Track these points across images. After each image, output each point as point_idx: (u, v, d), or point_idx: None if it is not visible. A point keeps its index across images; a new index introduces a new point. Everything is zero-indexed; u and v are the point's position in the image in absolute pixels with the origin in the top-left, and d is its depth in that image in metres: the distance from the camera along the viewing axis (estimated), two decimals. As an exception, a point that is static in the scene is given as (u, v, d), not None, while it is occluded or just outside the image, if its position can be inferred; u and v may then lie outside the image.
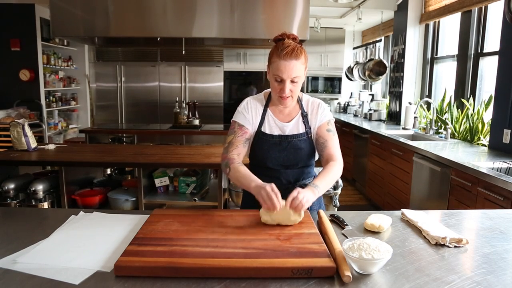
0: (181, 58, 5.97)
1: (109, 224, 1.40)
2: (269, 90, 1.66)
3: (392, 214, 1.54)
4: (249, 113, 1.62)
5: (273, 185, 1.35)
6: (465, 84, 3.92)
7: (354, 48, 7.25)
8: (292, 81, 1.49)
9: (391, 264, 1.11)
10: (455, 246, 1.24)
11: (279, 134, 1.60)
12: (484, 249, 1.23)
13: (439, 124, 4.09)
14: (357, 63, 6.53)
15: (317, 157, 1.69)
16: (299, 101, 1.64)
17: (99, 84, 6.35)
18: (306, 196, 1.33)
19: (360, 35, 7.31)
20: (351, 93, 7.06)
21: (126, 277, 1.03)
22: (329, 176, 1.50)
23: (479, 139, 3.49)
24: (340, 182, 2.66)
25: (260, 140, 1.61)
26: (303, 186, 1.56)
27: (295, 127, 1.61)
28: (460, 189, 2.72)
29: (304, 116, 1.62)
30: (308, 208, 1.63)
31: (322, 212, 1.47)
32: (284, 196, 1.42)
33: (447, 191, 2.88)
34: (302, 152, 1.60)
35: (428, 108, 4.58)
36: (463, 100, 3.82)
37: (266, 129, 1.61)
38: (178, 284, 1.01)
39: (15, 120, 2.93)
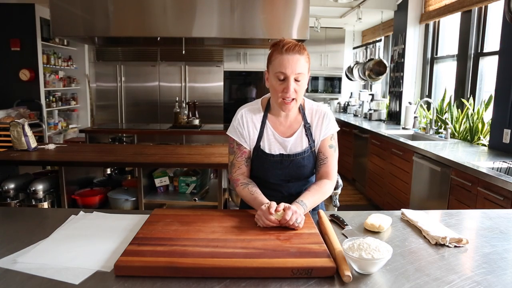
0: (181, 58, 5.96)
1: (109, 224, 1.40)
2: (267, 96, 1.54)
3: (392, 214, 1.54)
4: (245, 129, 1.50)
5: (269, 205, 1.32)
6: (465, 84, 3.92)
7: (354, 48, 7.25)
8: (296, 80, 1.37)
9: (391, 264, 1.11)
10: (455, 246, 1.24)
11: (280, 153, 1.49)
12: (484, 249, 1.23)
13: (439, 124, 4.09)
14: (357, 63, 6.53)
15: None
16: (301, 109, 1.52)
17: (99, 84, 6.35)
18: (299, 216, 1.30)
19: (360, 35, 7.31)
20: (351, 93, 7.06)
21: (126, 277, 1.03)
22: (319, 194, 1.46)
23: (479, 139, 3.49)
24: (340, 182, 2.65)
25: (260, 157, 1.51)
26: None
27: (297, 142, 1.50)
28: (460, 189, 2.72)
29: (307, 129, 1.50)
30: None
31: (322, 212, 1.46)
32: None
33: (447, 191, 2.88)
34: (305, 168, 1.52)
35: (428, 108, 4.58)
36: (463, 100, 3.82)
37: (266, 146, 1.49)
38: (178, 284, 1.01)
39: (15, 120, 2.93)
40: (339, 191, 2.66)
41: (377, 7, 5.14)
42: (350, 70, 6.71)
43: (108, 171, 3.37)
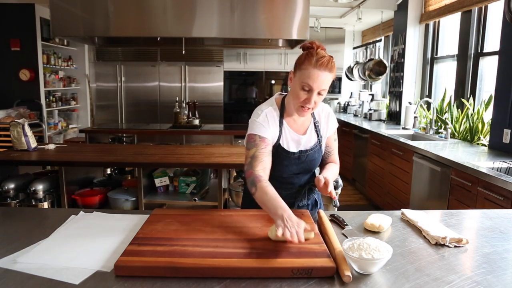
0: (181, 58, 5.97)
1: (109, 224, 1.41)
2: (279, 97, 1.59)
3: (392, 214, 1.54)
4: (269, 125, 1.51)
5: (303, 223, 1.21)
6: (465, 84, 3.92)
7: (354, 48, 7.25)
8: (319, 93, 1.42)
9: (391, 264, 1.11)
10: (455, 246, 1.24)
11: (299, 149, 1.57)
12: (484, 249, 1.23)
13: (439, 124, 4.09)
14: (357, 63, 6.53)
15: None
16: None
17: (99, 84, 6.36)
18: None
19: (360, 35, 7.30)
20: (351, 93, 7.06)
21: (126, 277, 1.03)
22: (333, 172, 1.61)
23: (479, 139, 3.49)
24: (340, 182, 2.66)
25: (280, 155, 1.55)
26: (312, 188, 1.67)
27: (309, 138, 1.59)
28: (460, 189, 2.72)
29: (316, 126, 1.60)
30: (308, 208, 1.64)
31: (322, 212, 1.47)
32: (294, 197, 1.60)
33: (447, 191, 2.88)
34: (316, 161, 1.63)
35: (428, 108, 4.58)
36: (463, 100, 3.82)
37: (284, 144, 1.55)
38: (178, 284, 1.01)
39: (15, 120, 2.93)
40: (339, 191, 2.67)
41: (377, 7, 5.14)
42: (350, 70, 6.70)
43: (108, 171, 3.37)
